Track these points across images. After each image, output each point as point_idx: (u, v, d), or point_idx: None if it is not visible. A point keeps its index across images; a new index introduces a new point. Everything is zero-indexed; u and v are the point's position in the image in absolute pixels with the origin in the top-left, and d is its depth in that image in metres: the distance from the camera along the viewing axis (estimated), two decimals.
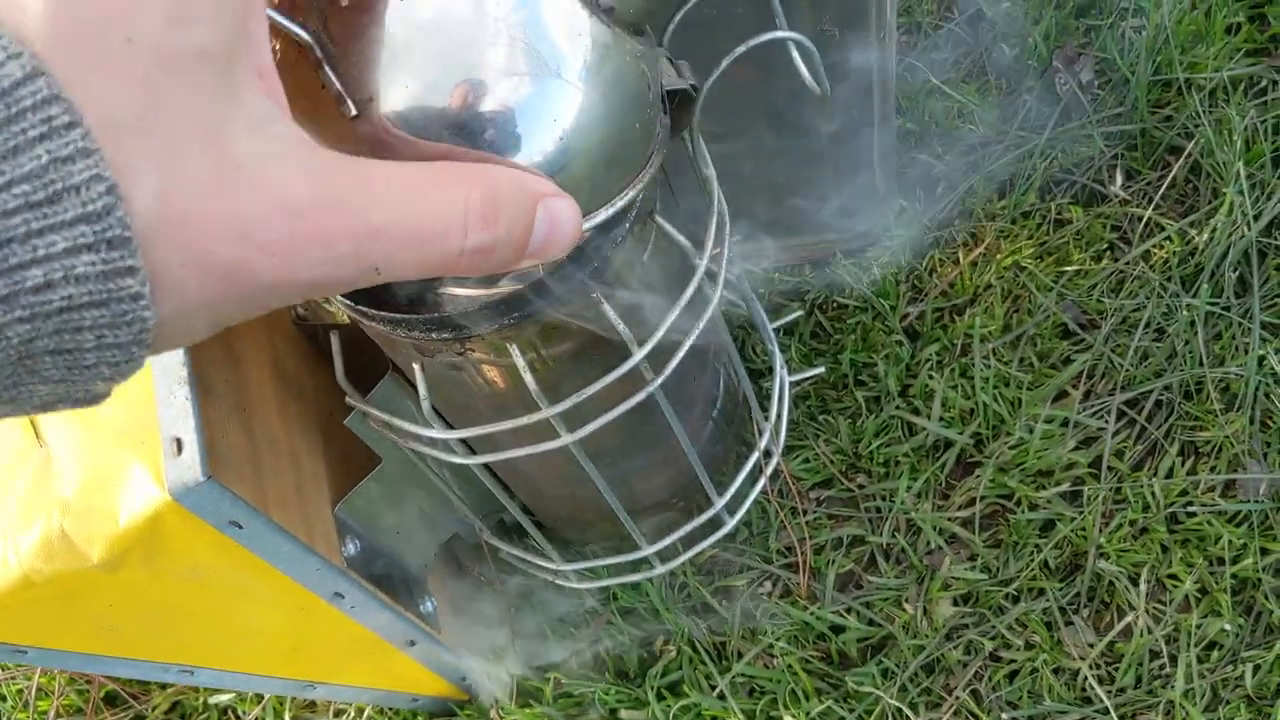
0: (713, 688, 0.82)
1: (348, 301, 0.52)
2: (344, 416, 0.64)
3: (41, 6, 0.28)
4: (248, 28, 0.32)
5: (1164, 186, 0.89)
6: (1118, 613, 0.79)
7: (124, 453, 0.53)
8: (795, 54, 0.58)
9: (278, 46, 0.43)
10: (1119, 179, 0.91)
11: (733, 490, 0.74)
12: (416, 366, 0.56)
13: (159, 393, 0.54)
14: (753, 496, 0.76)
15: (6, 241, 0.27)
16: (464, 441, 0.63)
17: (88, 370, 0.30)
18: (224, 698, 0.91)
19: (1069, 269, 0.88)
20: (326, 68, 0.41)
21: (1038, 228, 0.90)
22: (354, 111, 0.41)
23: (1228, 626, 0.77)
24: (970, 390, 0.85)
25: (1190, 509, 0.80)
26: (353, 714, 0.88)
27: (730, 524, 0.75)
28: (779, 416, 0.76)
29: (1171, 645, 0.77)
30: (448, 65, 0.41)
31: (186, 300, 0.30)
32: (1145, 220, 0.88)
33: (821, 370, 0.86)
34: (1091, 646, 0.78)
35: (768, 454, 0.76)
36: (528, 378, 0.54)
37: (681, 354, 0.59)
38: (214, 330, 0.32)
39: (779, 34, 0.55)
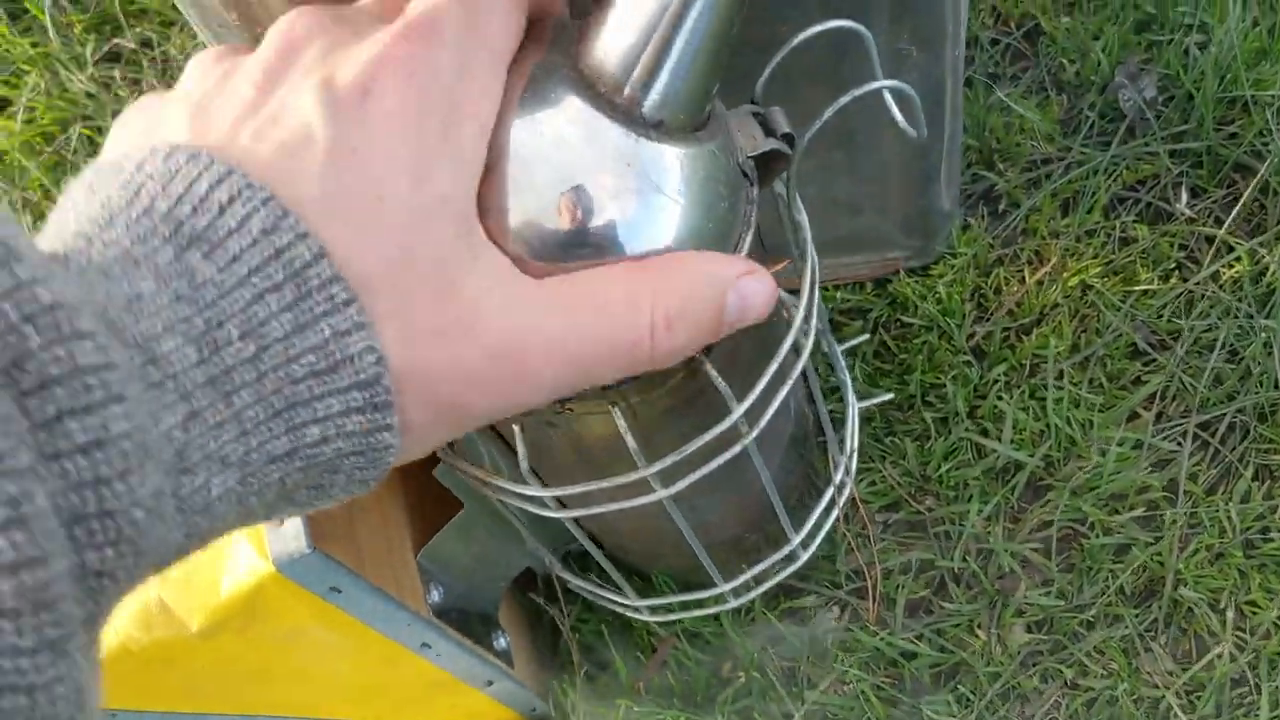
0: (786, 716, 0.82)
1: None
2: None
3: (318, 175, 0.31)
4: (478, 177, 0.36)
5: (1234, 207, 0.88)
6: (1195, 639, 0.79)
7: None
8: (890, 100, 0.57)
9: None
10: (1184, 197, 0.90)
11: (809, 527, 0.73)
12: (516, 428, 0.55)
13: None
14: (826, 528, 0.76)
15: (294, 405, 0.30)
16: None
17: (329, 499, 0.34)
18: None
19: (1137, 288, 0.87)
20: None
21: (1103, 246, 0.89)
22: None
23: None
24: (1040, 411, 0.84)
25: (1268, 535, 0.80)
26: None
27: (804, 557, 0.75)
28: (852, 451, 0.76)
29: (1254, 673, 0.77)
30: (553, 187, 0.41)
31: (413, 437, 0.34)
32: (1214, 240, 0.87)
33: (891, 395, 0.85)
34: (1171, 675, 0.78)
35: (840, 486, 0.75)
36: (629, 439, 0.54)
37: (776, 405, 0.59)
38: (423, 455, 0.36)
39: (882, 83, 0.54)
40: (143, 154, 0.31)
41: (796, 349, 0.60)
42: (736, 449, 0.58)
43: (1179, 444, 0.82)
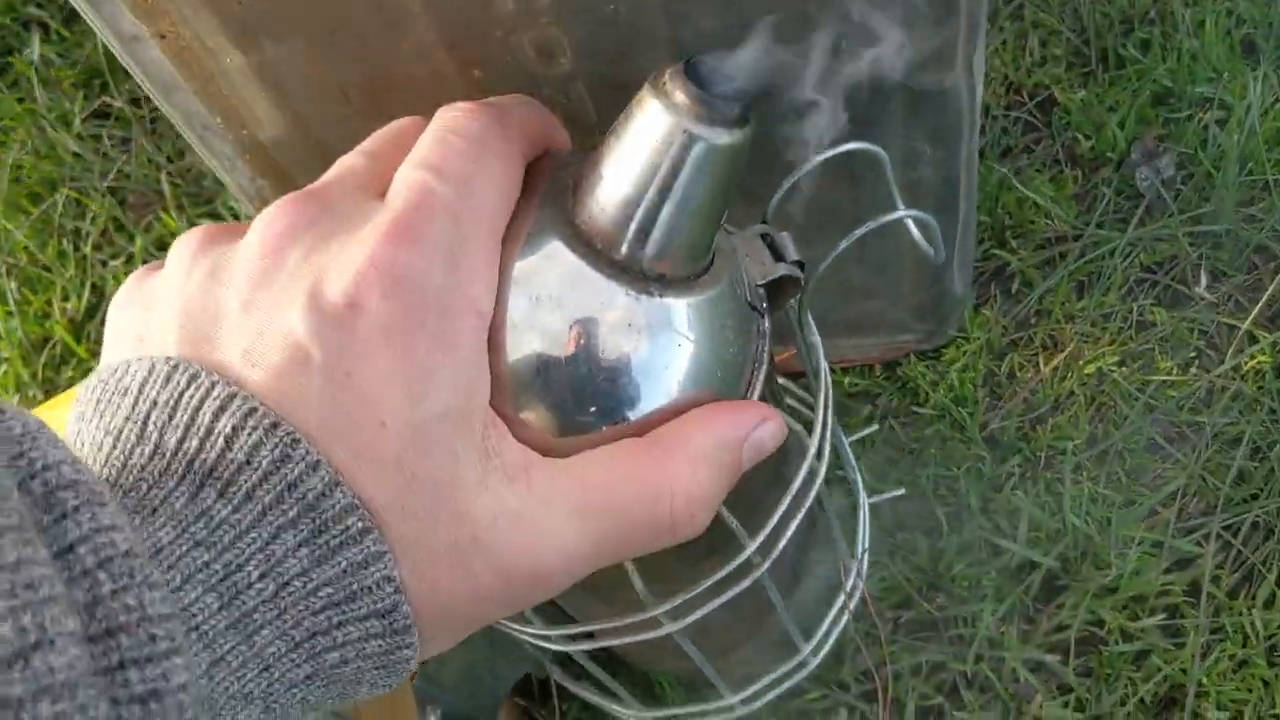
0: None
1: None
2: None
3: (316, 401, 0.31)
4: (484, 370, 0.35)
5: (1254, 291, 0.86)
6: None
7: None
8: (913, 227, 0.54)
9: None
10: (1204, 280, 0.87)
11: (819, 636, 0.71)
12: None
13: None
14: (835, 635, 0.73)
15: (315, 635, 0.30)
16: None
17: (352, 700, 0.34)
18: None
19: (1155, 378, 0.84)
20: None
21: (1120, 331, 0.86)
22: None
23: None
24: (1056, 507, 0.82)
25: None
26: None
27: (814, 664, 0.72)
28: (863, 553, 0.73)
29: None
30: (557, 351, 0.38)
31: (432, 646, 0.34)
32: (1234, 328, 0.85)
33: (902, 490, 0.82)
34: None
35: (851, 591, 0.73)
36: (636, 581, 0.51)
37: (789, 535, 0.56)
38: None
39: (901, 213, 0.51)
40: (143, 371, 0.32)
41: (810, 474, 0.58)
42: (748, 582, 0.56)
43: (1201, 545, 0.80)
